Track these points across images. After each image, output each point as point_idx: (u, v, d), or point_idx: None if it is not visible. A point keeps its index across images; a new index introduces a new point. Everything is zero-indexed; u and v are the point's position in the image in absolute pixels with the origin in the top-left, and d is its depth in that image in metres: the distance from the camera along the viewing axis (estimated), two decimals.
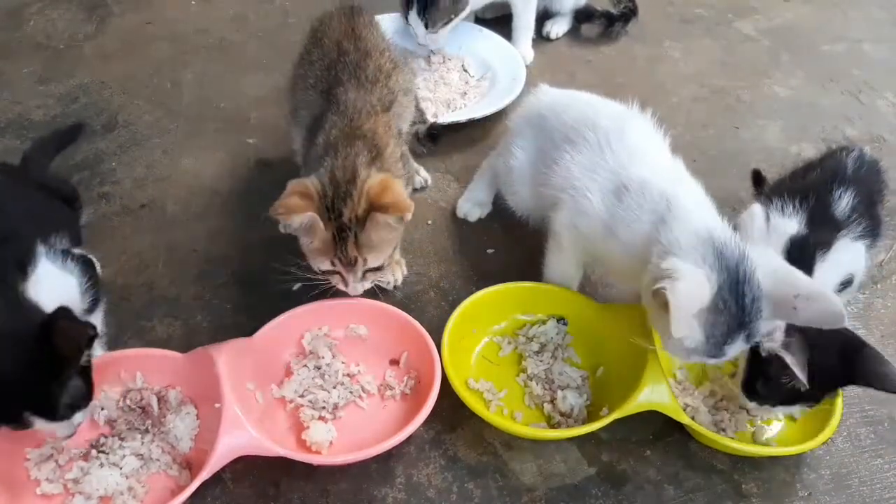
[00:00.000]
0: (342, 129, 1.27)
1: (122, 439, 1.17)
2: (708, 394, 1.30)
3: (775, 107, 2.03)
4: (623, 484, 1.19)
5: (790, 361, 1.08)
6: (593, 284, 1.47)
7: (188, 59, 2.06)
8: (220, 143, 1.79)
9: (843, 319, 1.07)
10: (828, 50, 2.27)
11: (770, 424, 1.26)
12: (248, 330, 1.28)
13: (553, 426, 1.24)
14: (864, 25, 2.39)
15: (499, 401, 1.27)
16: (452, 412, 1.24)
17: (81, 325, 1.05)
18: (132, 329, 1.37)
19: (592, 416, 1.24)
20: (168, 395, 1.23)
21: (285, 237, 1.22)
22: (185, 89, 1.96)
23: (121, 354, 1.26)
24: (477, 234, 1.60)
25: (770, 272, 1.10)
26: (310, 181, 1.20)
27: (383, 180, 1.20)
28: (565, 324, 1.38)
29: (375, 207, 1.17)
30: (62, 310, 1.06)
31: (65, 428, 1.07)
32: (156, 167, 1.72)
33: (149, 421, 1.20)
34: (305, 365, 1.29)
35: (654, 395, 1.19)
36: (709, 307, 1.07)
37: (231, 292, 1.45)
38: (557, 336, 1.37)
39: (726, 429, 1.25)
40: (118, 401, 1.22)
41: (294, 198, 1.17)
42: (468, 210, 1.62)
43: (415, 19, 1.88)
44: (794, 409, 1.20)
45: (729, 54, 2.23)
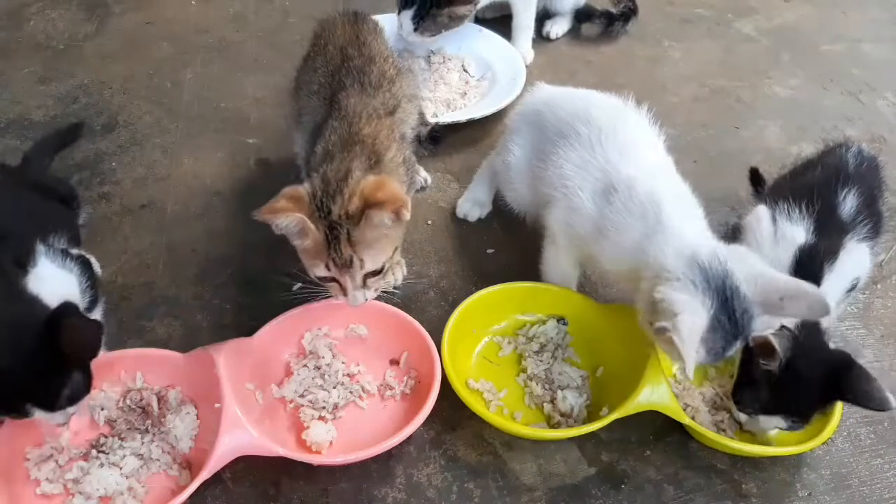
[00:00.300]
0: (341, 135, 1.25)
1: (122, 439, 1.17)
2: (708, 394, 1.30)
3: (775, 107, 2.03)
4: (623, 484, 1.19)
5: (771, 338, 1.10)
6: (593, 284, 1.48)
7: (188, 59, 2.06)
8: (220, 143, 1.79)
9: (829, 309, 1.11)
10: (828, 50, 2.27)
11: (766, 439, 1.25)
12: (248, 330, 1.28)
13: (553, 426, 1.24)
14: (864, 25, 2.39)
15: (499, 401, 1.27)
16: (452, 412, 1.24)
17: (91, 324, 1.06)
18: (132, 329, 1.37)
19: (592, 416, 1.24)
20: (168, 395, 1.23)
21: (285, 237, 1.21)
22: (185, 89, 1.96)
23: (121, 354, 1.26)
24: (477, 234, 1.60)
25: (752, 280, 1.12)
26: (302, 186, 1.18)
27: (378, 179, 1.18)
28: (565, 324, 1.38)
29: (370, 204, 1.14)
30: (68, 305, 1.07)
31: (60, 417, 1.08)
32: (156, 167, 1.72)
33: (149, 421, 1.20)
34: (305, 365, 1.29)
35: (654, 396, 1.19)
36: (707, 329, 1.09)
37: (231, 292, 1.45)
38: (557, 336, 1.37)
39: (726, 429, 1.25)
40: (118, 401, 1.22)
41: (282, 201, 1.15)
42: (468, 210, 1.62)
43: (406, 19, 1.88)
44: (778, 421, 1.17)
45: (729, 54, 2.23)
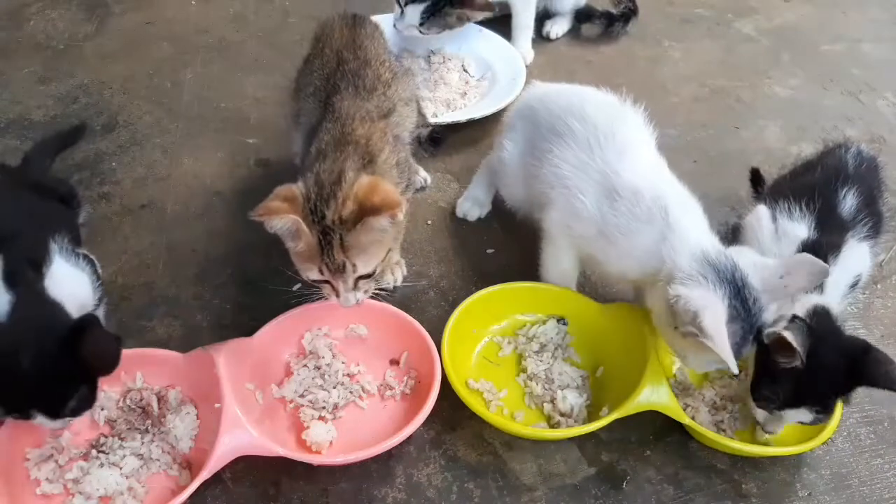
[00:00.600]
0: (334, 135, 1.25)
1: (122, 439, 1.17)
2: (708, 394, 1.30)
3: (775, 107, 2.03)
4: (623, 484, 1.19)
5: (788, 336, 1.09)
6: (593, 284, 1.48)
7: (188, 59, 2.06)
8: (220, 143, 1.79)
9: (828, 270, 1.15)
10: (828, 50, 2.27)
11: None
12: (248, 330, 1.28)
13: (553, 426, 1.24)
14: (864, 25, 2.39)
15: (499, 401, 1.27)
16: (452, 412, 1.24)
17: (112, 339, 1.08)
18: (132, 329, 1.37)
19: (592, 416, 1.24)
20: (168, 395, 1.23)
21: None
22: (185, 89, 1.96)
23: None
24: (477, 234, 1.60)
25: (752, 268, 1.15)
26: (295, 185, 1.18)
27: (371, 181, 1.17)
28: (565, 324, 1.38)
29: (365, 209, 1.13)
30: (91, 317, 1.08)
31: (58, 424, 1.09)
32: (156, 167, 1.72)
33: (149, 421, 1.20)
34: (305, 365, 1.29)
35: (654, 395, 1.19)
36: (727, 320, 1.11)
37: (231, 292, 1.45)
38: (557, 336, 1.37)
39: (726, 429, 1.25)
40: (118, 401, 1.22)
41: (276, 201, 1.15)
42: (468, 209, 1.62)
43: (414, 12, 1.87)
44: (802, 415, 1.16)
45: (729, 54, 2.23)
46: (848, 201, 1.30)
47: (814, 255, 1.17)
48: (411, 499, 1.16)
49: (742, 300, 1.12)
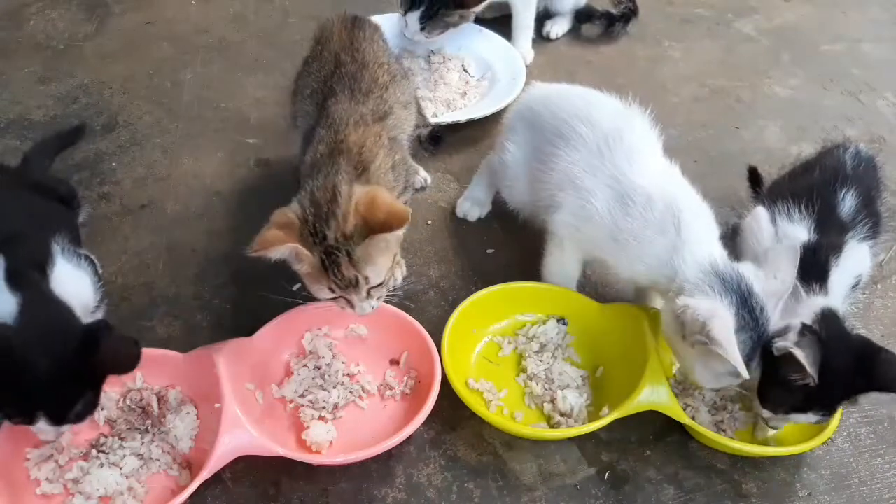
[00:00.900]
0: (328, 143, 1.24)
1: (122, 439, 1.17)
2: (708, 394, 1.30)
3: (775, 107, 2.03)
4: (623, 484, 1.19)
5: (799, 356, 1.08)
6: (593, 284, 1.48)
7: (188, 59, 2.06)
8: (220, 143, 1.79)
9: (797, 247, 1.18)
10: (828, 50, 2.27)
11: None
12: (248, 330, 1.28)
13: (553, 426, 1.24)
14: (864, 25, 2.39)
15: (499, 401, 1.27)
16: (452, 412, 1.24)
17: (129, 342, 1.07)
18: (132, 329, 1.36)
19: (592, 416, 1.24)
20: (168, 395, 1.23)
21: None
22: (185, 89, 1.96)
23: None
24: (477, 234, 1.60)
25: (754, 278, 1.16)
26: (290, 209, 1.16)
27: (369, 193, 1.15)
28: (565, 324, 1.38)
29: (372, 226, 1.12)
30: (104, 322, 1.09)
31: (58, 432, 1.09)
32: (156, 167, 1.72)
33: (149, 421, 1.20)
34: (305, 365, 1.29)
35: (654, 396, 1.19)
36: (736, 329, 1.11)
37: (231, 292, 1.45)
38: (557, 336, 1.37)
39: (726, 429, 1.25)
40: (118, 401, 1.22)
41: (272, 230, 1.13)
42: (468, 209, 1.62)
43: (413, 20, 1.88)
44: (808, 418, 1.16)
45: (729, 54, 2.23)
46: (847, 202, 1.30)
47: (815, 257, 1.19)
48: (411, 499, 1.16)
49: (749, 310, 1.13)
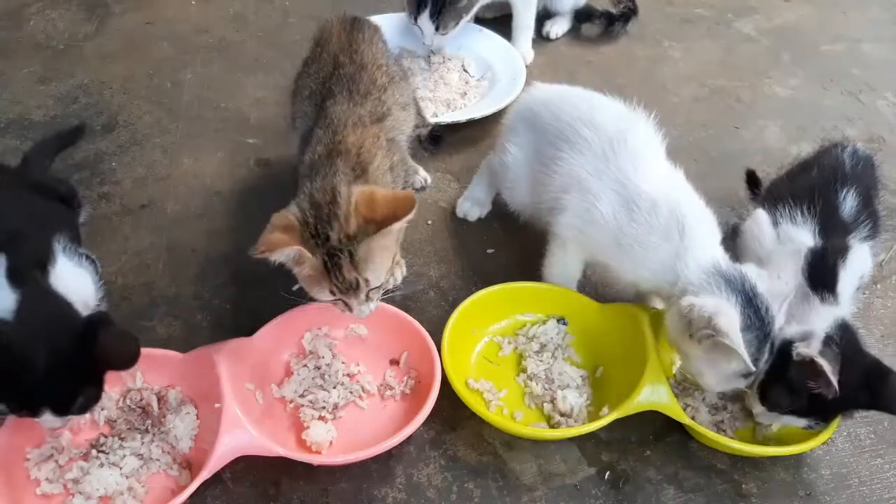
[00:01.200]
0: (326, 144, 1.24)
1: (122, 439, 1.17)
2: (708, 395, 1.30)
3: (775, 107, 2.03)
4: (623, 484, 1.19)
5: (826, 368, 1.08)
6: (593, 284, 1.47)
7: (188, 59, 2.06)
8: (220, 143, 1.79)
9: (806, 252, 1.23)
10: (828, 50, 2.27)
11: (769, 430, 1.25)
12: (248, 330, 1.28)
13: (553, 426, 1.24)
14: (864, 25, 2.39)
15: (499, 401, 1.27)
16: (452, 412, 1.24)
17: (129, 336, 1.08)
18: (132, 329, 1.35)
19: (592, 416, 1.24)
20: (168, 395, 1.23)
21: None
22: (185, 89, 1.96)
23: None
24: (477, 234, 1.60)
25: (758, 279, 1.17)
26: (290, 212, 1.16)
27: (364, 193, 1.14)
28: (565, 324, 1.38)
29: (381, 221, 1.11)
30: (104, 314, 1.09)
31: (62, 422, 1.09)
32: (156, 167, 1.72)
33: (149, 421, 1.20)
34: (305, 365, 1.29)
35: (654, 395, 1.19)
36: (741, 328, 1.12)
37: (231, 292, 1.45)
38: (557, 336, 1.37)
39: (726, 429, 1.25)
40: (118, 401, 1.22)
41: (275, 233, 1.12)
42: (468, 209, 1.62)
43: (425, 22, 1.88)
44: (802, 422, 1.17)
45: (729, 54, 2.23)
46: (848, 202, 1.30)
47: (824, 263, 1.22)
48: (411, 499, 1.16)
49: (755, 309, 1.14)
